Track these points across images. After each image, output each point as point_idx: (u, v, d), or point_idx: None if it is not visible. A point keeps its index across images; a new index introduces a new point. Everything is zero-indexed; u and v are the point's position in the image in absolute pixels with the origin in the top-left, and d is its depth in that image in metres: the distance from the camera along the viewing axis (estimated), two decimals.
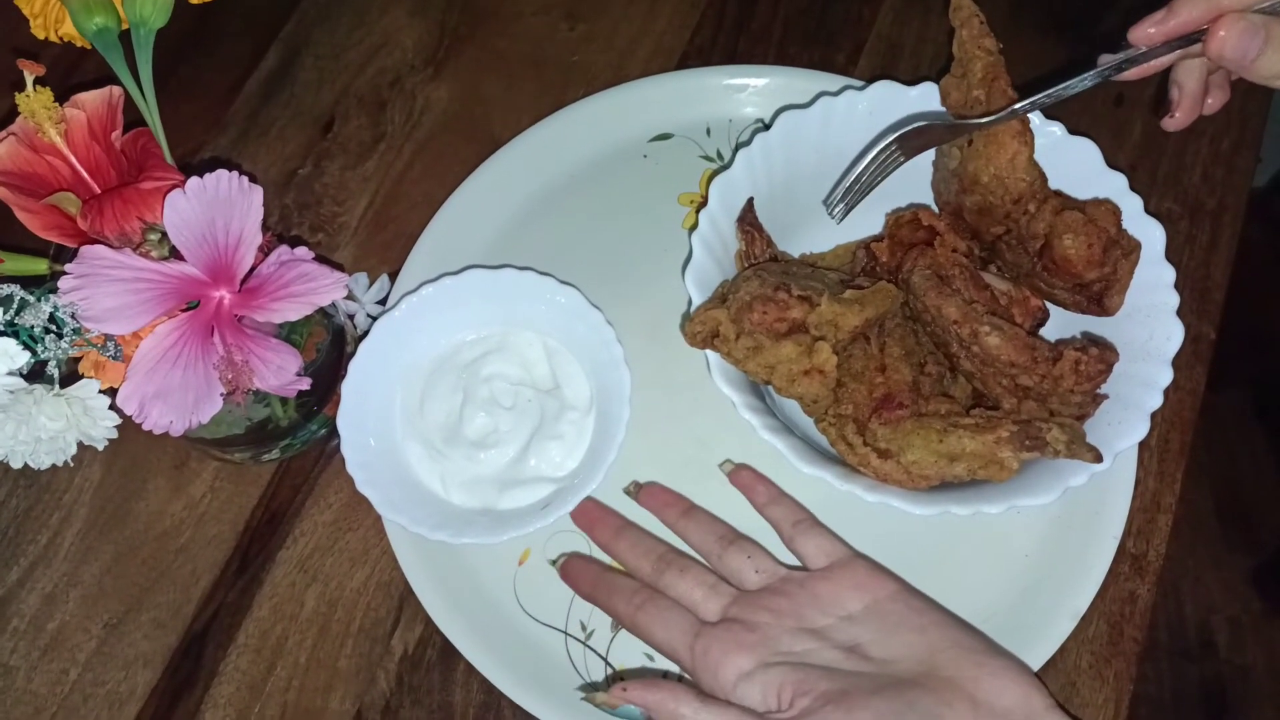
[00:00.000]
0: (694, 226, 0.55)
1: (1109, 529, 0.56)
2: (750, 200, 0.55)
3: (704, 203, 0.54)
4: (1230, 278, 0.66)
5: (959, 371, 0.53)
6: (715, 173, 0.56)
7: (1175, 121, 0.50)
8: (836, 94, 0.56)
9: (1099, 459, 0.48)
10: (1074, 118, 0.68)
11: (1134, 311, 0.53)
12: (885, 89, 0.56)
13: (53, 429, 0.46)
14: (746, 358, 0.50)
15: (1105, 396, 0.51)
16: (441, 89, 0.72)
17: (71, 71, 0.69)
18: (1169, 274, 0.52)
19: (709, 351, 0.51)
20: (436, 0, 0.76)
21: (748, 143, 0.55)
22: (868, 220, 0.58)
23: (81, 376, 0.47)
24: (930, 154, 0.56)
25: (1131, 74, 0.49)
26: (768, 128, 0.56)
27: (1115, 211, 0.51)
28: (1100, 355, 0.50)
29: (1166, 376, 0.50)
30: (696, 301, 0.52)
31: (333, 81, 0.73)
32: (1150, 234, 0.52)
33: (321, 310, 0.55)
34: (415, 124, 0.71)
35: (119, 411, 0.47)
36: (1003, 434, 0.48)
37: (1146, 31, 0.47)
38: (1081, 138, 0.54)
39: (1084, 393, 0.50)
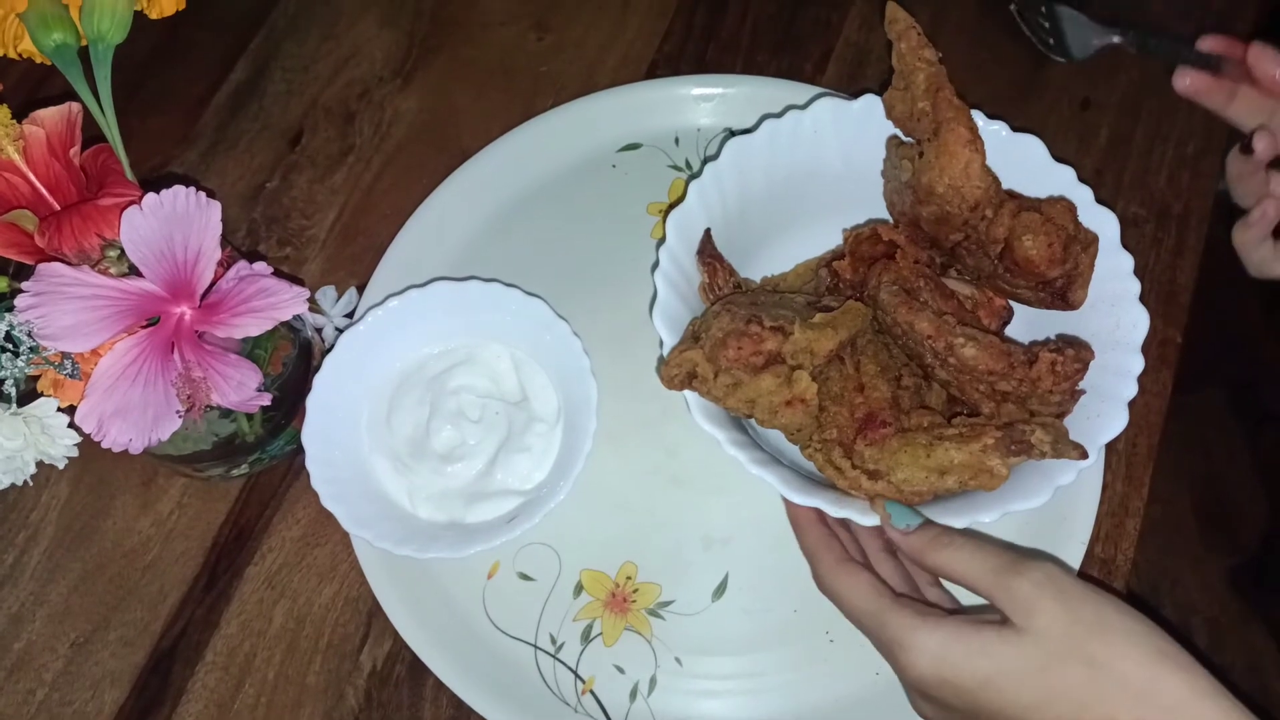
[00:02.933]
0: (662, 239, 0.55)
1: (1076, 534, 0.56)
2: (708, 231, 0.55)
3: (664, 239, 0.54)
4: (1198, 280, 0.66)
5: (934, 379, 0.53)
6: (670, 207, 0.56)
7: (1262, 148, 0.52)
8: (780, 115, 0.56)
9: (1084, 455, 0.48)
10: (1040, 122, 0.69)
11: (1098, 302, 0.53)
12: (828, 105, 0.56)
13: (10, 448, 0.46)
14: (726, 395, 0.50)
15: (1083, 392, 0.51)
16: (410, 100, 0.72)
17: (38, 87, 0.69)
18: (1127, 261, 0.53)
19: (687, 391, 0.51)
20: (405, 11, 0.76)
21: (699, 174, 0.55)
22: (825, 238, 0.58)
23: (40, 395, 0.47)
24: (879, 165, 0.56)
25: (1195, 84, 0.53)
26: (717, 156, 0.56)
27: (1071, 208, 0.51)
28: (1076, 355, 0.50)
29: (1138, 364, 0.51)
30: (667, 341, 0.51)
31: (301, 94, 0.73)
32: (1104, 222, 0.53)
33: (287, 324, 0.55)
34: (384, 135, 0.71)
35: (79, 430, 0.47)
36: (988, 441, 0.48)
37: (1211, 42, 0.52)
38: (1025, 134, 0.54)
39: (1062, 392, 0.50)
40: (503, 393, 0.59)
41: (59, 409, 0.47)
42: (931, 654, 0.43)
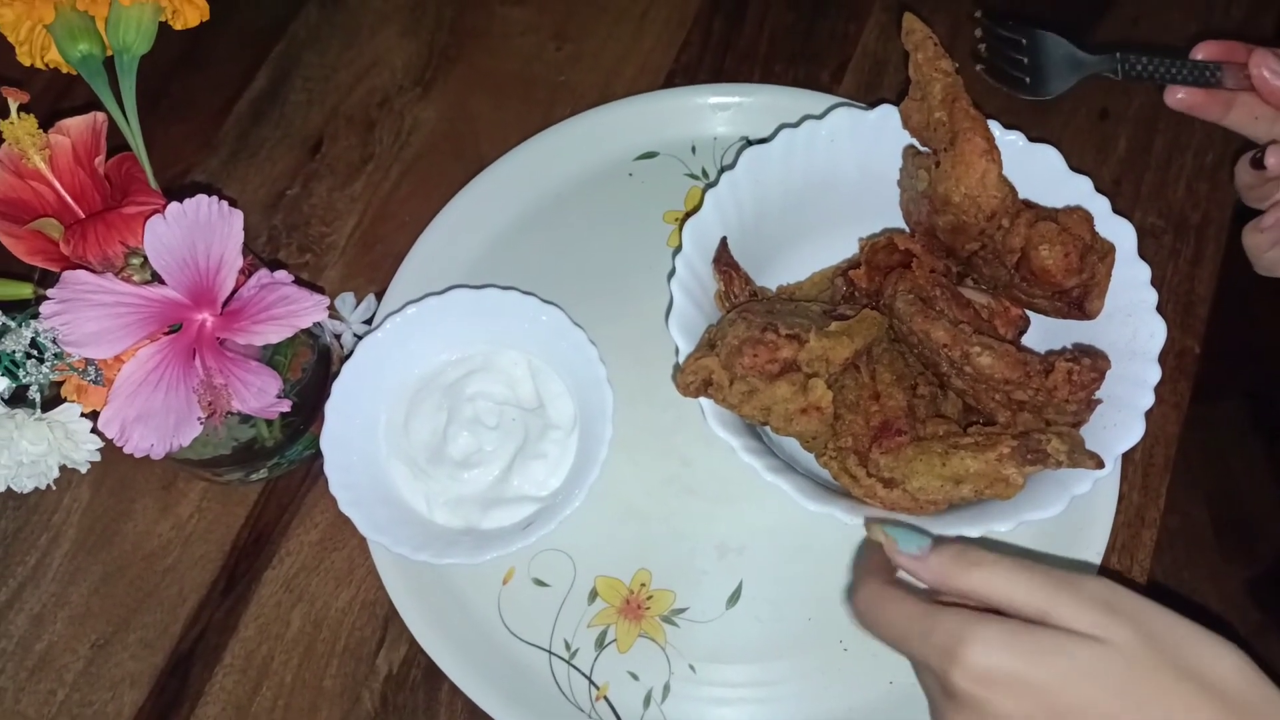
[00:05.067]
0: (678, 248, 0.55)
1: (1092, 545, 0.56)
2: (724, 240, 0.55)
3: (680, 247, 0.54)
4: (1217, 291, 0.66)
5: (950, 388, 0.53)
6: (687, 215, 0.56)
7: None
8: (796, 124, 0.56)
9: (1101, 465, 0.48)
10: (1058, 133, 0.69)
11: (1115, 312, 0.53)
12: (844, 115, 0.56)
13: (34, 453, 0.46)
14: (741, 402, 0.50)
15: (1100, 401, 0.51)
16: (430, 109, 0.73)
17: (63, 96, 0.70)
18: (1144, 272, 0.53)
19: (702, 399, 0.51)
20: (426, 21, 0.76)
21: (715, 183, 0.56)
22: (841, 247, 0.59)
23: (64, 400, 0.48)
24: (895, 175, 0.56)
25: (1190, 99, 0.51)
26: (733, 166, 0.56)
27: (1087, 218, 0.51)
28: (1093, 364, 0.50)
29: (1155, 374, 0.51)
30: (683, 349, 0.52)
31: (322, 102, 0.73)
32: (1121, 233, 0.53)
33: (306, 330, 0.55)
34: (403, 144, 0.72)
35: (101, 435, 0.47)
36: (1004, 450, 0.48)
37: (1207, 48, 0.51)
38: (1042, 144, 0.54)
39: (1079, 402, 0.50)
40: (519, 399, 0.59)
41: (82, 414, 0.48)
42: (996, 643, 0.37)
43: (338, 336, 0.64)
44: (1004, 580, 0.39)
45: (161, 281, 0.47)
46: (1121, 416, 0.50)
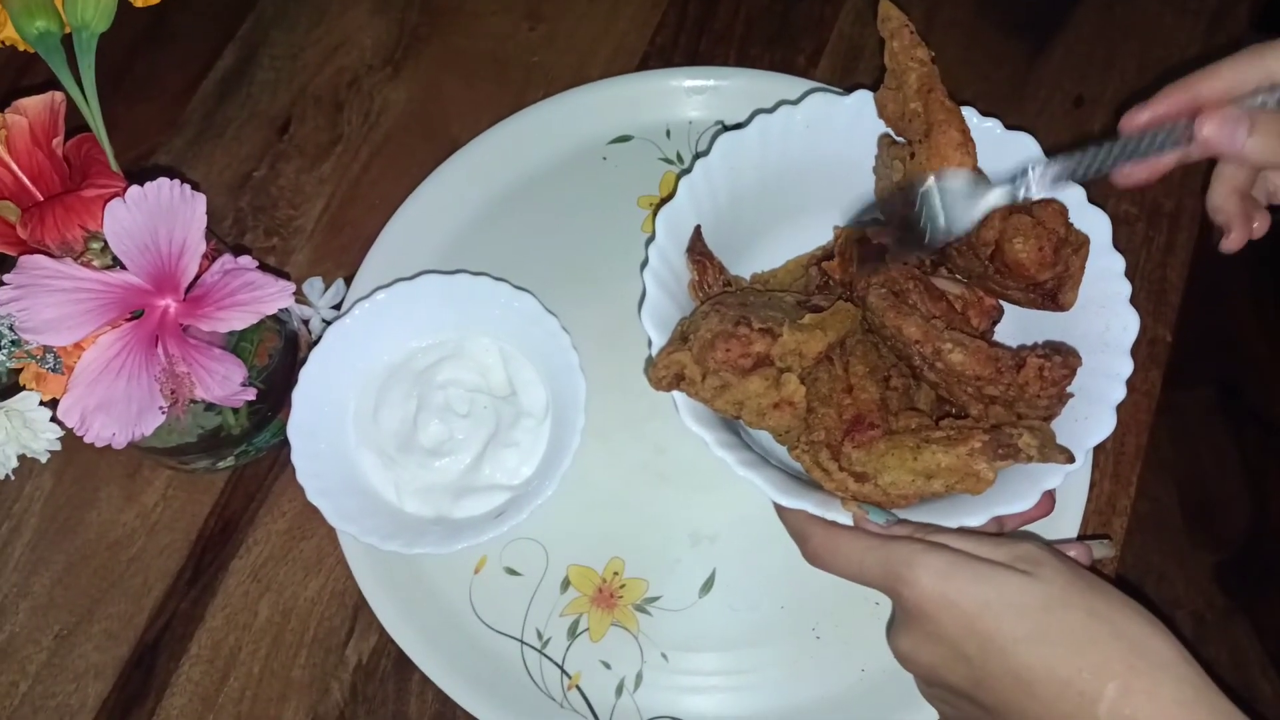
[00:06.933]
0: (651, 236, 0.54)
1: (1062, 534, 0.56)
2: (698, 229, 0.54)
3: (653, 236, 0.54)
4: (1189, 279, 0.66)
5: (923, 381, 0.52)
6: (661, 201, 0.55)
7: (1231, 243, 0.51)
8: (772, 110, 0.56)
9: (1072, 459, 0.48)
10: (1032, 119, 0.69)
11: (1088, 304, 0.53)
12: (820, 101, 0.55)
13: None
14: (714, 396, 0.49)
15: (1071, 395, 0.51)
16: (400, 89, 0.72)
17: (22, 74, 0.68)
18: (1118, 263, 0.52)
19: (675, 392, 0.50)
20: None
21: (689, 170, 0.55)
22: (817, 233, 0.58)
23: (22, 388, 0.47)
24: (871, 161, 0.56)
25: (1137, 174, 0.49)
26: (708, 152, 0.55)
27: (1062, 210, 0.50)
28: (1064, 361, 0.49)
29: (1127, 367, 0.51)
30: (656, 341, 0.51)
31: (289, 82, 0.72)
32: (1096, 224, 0.52)
33: (273, 316, 0.54)
34: (373, 125, 0.71)
35: (61, 423, 0.46)
36: (975, 445, 0.47)
37: (1135, 120, 0.49)
38: (1019, 132, 0.54)
39: (1050, 397, 0.50)
40: (491, 387, 0.59)
41: (41, 403, 0.47)
42: (938, 571, 0.44)
43: (305, 322, 0.63)
44: (957, 544, 0.46)
45: (122, 267, 0.46)
46: (1093, 410, 0.50)
